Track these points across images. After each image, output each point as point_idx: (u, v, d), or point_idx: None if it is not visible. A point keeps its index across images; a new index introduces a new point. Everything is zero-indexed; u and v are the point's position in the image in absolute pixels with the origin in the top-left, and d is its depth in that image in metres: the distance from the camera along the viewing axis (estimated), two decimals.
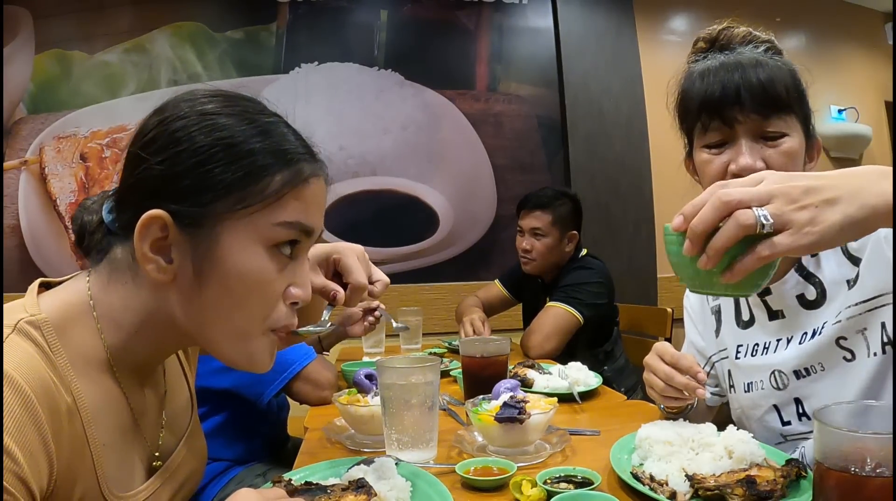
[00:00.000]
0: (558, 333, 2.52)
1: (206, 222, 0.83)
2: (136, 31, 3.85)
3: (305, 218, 0.89)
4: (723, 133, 1.23)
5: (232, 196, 0.83)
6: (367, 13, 4.14)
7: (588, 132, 4.22)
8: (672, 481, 1.05)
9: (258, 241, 0.85)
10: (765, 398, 1.34)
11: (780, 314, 1.33)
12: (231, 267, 0.84)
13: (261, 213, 0.84)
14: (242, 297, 0.85)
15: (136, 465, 0.96)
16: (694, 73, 1.28)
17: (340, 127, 4.01)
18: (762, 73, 1.20)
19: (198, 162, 0.82)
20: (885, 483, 0.74)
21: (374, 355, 2.72)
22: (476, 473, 1.19)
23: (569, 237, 2.85)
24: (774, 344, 1.34)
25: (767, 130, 1.20)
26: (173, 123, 0.84)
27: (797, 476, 1.04)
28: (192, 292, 0.85)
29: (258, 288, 0.86)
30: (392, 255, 4.02)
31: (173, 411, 1.09)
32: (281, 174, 0.86)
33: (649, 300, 4.18)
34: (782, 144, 1.20)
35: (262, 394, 1.83)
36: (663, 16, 4.63)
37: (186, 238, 0.83)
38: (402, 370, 1.33)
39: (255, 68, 3.97)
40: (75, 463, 0.81)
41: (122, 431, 0.92)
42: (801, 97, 1.23)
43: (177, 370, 1.15)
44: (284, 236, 0.87)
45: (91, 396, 0.84)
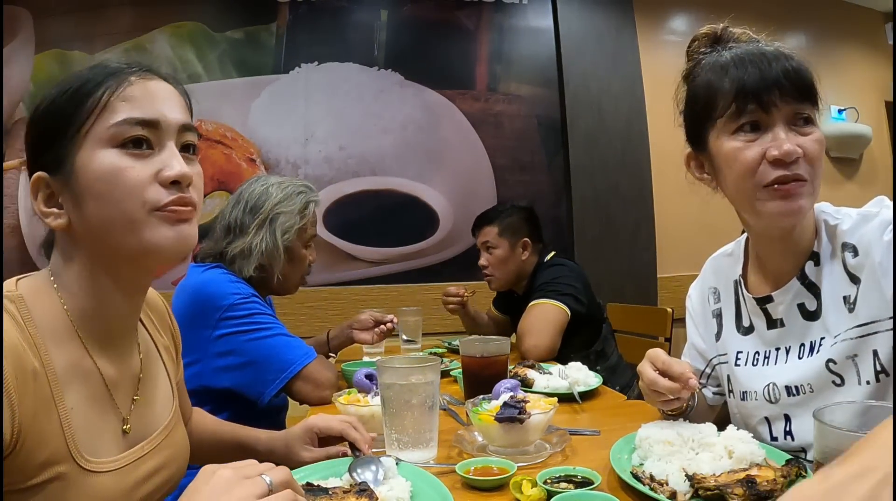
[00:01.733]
0: (548, 327, 2.50)
1: (64, 159, 0.95)
2: (137, 30, 3.85)
3: (139, 112, 0.97)
4: (759, 118, 1.19)
5: (70, 127, 0.95)
6: (367, 13, 4.14)
7: (588, 132, 4.22)
8: (672, 481, 1.05)
9: (102, 145, 0.95)
10: (758, 409, 1.33)
11: (779, 323, 1.31)
12: (90, 177, 0.94)
13: (95, 125, 0.95)
14: (109, 193, 0.94)
15: (108, 434, 1.01)
16: (718, 63, 1.25)
17: (340, 127, 4.01)
18: (793, 62, 1.19)
19: (43, 121, 0.97)
20: None
21: (374, 355, 2.72)
22: (476, 473, 1.19)
23: (521, 245, 2.87)
24: (774, 355, 1.32)
25: (801, 116, 1.19)
26: (38, 106, 0.99)
27: (797, 475, 1.04)
28: (83, 220, 0.96)
29: (117, 180, 0.94)
30: (392, 255, 4.02)
31: (151, 395, 1.14)
32: (102, 88, 0.96)
33: (649, 300, 4.18)
34: (813, 131, 1.19)
35: (262, 393, 1.83)
36: (663, 16, 4.63)
37: (61, 182, 0.96)
38: (402, 369, 1.33)
39: (255, 68, 3.97)
40: (41, 421, 0.87)
41: (93, 398, 0.99)
42: (816, 92, 1.23)
43: (156, 362, 1.20)
44: (126, 133, 0.95)
45: (60, 362, 0.93)
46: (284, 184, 2.09)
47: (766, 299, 1.33)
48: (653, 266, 4.27)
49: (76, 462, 0.91)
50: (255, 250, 1.98)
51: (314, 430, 1.37)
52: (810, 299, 1.26)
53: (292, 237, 2.05)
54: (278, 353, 1.86)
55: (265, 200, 2.03)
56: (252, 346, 1.83)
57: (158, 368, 1.20)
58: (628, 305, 3.57)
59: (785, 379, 1.27)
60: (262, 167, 3.89)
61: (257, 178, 2.14)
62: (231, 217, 2.04)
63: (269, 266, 2.01)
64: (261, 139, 3.92)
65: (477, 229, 2.95)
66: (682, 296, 1.64)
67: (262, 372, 1.83)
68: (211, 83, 3.87)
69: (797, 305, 1.28)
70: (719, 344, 1.48)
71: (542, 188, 4.22)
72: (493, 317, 3.19)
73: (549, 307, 2.56)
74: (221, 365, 1.84)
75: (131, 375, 1.09)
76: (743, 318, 1.41)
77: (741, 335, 1.41)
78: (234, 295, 1.87)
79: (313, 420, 1.38)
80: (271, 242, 2.00)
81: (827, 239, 1.26)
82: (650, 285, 4.25)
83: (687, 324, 1.64)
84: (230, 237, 2.02)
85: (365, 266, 3.97)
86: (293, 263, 2.09)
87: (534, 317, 2.54)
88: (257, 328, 1.86)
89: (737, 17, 1.40)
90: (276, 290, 2.13)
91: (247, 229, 2.01)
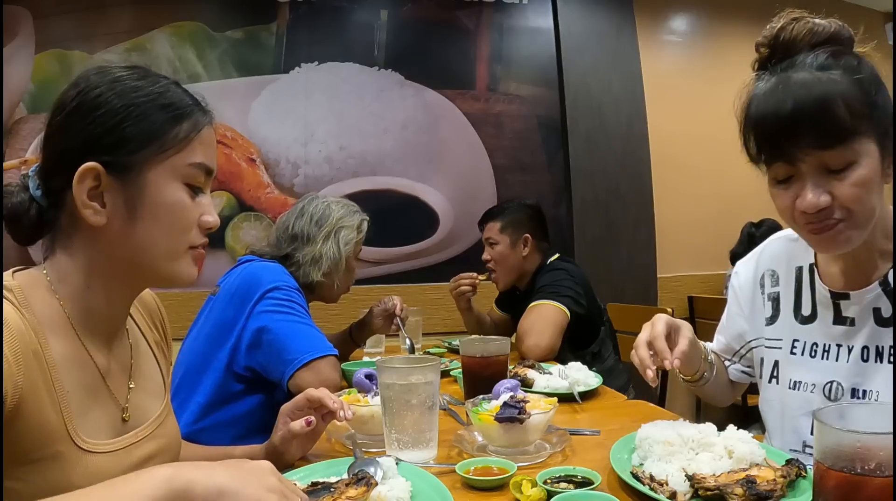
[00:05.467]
0: (548, 327, 2.50)
1: (134, 167, 0.99)
2: (137, 30, 3.85)
3: (208, 160, 1.07)
4: (787, 169, 1.14)
5: (152, 144, 1.00)
6: (368, 13, 4.14)
7: (588, 132, 4.22)
8: (672, 481, 1.05)
9: (177, 178, 1.03)
10: (808, 402, 1.30)
11: (848, 322, 1.27)
12: (156, 200, 1.01)
13: (176, 156, 1.02)
14: (169, 224, 1.03)
15: (104, 420, 1.05)
16: (755, 96, 1.19)
17: (340, 127, 4.01)
18: (821, 102, 1.09)
19: (119, 119, 0.99)
20: (885, 482, 0.74)
21: (374, 355, 2.73)
22: (476, 473, 1.19)
23: (522, 241, 2.88)
24: (835, 351, 1.29)
25: (831, 164, 1.10)
26: (91, 92, 0.99)
27: (797, 476, 1.04)
28: (127, 227, 1.00)
29: (180, 216, 1.04)
30: (392, 255, 4.02)
31: (143, 385, 1.17)
32: (187, 123, 1.04)
33: (649, 300, 4.18)
34: (851, 174, 1.10)
35: (283, 373, 1.84)
36: (663, 16, 4.63)
37: (117, 184, 0.99)
38: (401, 369, 1.34)
39: (256, 68, 3.97)
40: (42, 397, 0.91)
41: (88, 386, 1.03)
42: (871, 109, 1.12)
43: (147, 354, 1.24)
44: (196, 177, 1.06)
45: (56, 349, 0.97)
46: (342, 203, 2.30)
47: (842, 296, 1.29)
48: (653, 266, 4.26)
49: (73, 442, 0.95)
50: (325, 257, 2.18)
51: (299, 404, 1.37)
52: (887, 306, 1.23)
53: (351, 249, 2.24)
54: (302, 338, 1.90)
55: (329, 214, 2.23)
56: (281, 326, 1.89)
57: (149, 359, 1.24)
58: (628, 305, 3.57)
59: (852, 381, 1.25)
60: (262, 167, 3.89)
61: (314, 197, 2.32)
62: (297, 228, 2.21)
63: (332, 273, 2.20)
64: (261, 139, 3.92)
65: (482, 223, 2.99)
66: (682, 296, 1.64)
67: (282, 352, 1.87)
68: (211, 83, 3.87)
69: (873, 308, 1.24)
70: (771, 328, 1.44)
71: (543, 189, 4.22)
72: (494, 318, 3.19)
73: (549, 308, 2.56)
74: (253, 341, 1.90)
75: (123, 365, 1.14)
76: (803, 306, 1.38)
77: (799, 323, 1.38)
78: (282, 282, 1.98)
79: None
80: (336, 251, 2.20)
81: None
82: (650, 285, 4.24)
83: (728, 300, 1.61)
84: (295, 244, 2.19)
85: (365, 266, 3.96)
86: (348, 271, 2.29)
87: (534, 317, 2.54)
88: (291, 312, 1.93)
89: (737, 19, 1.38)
90: (327, 297, 2.30)
91: (315, 238, 2.20)
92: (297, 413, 1.35)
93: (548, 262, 2.87)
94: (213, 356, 1.92)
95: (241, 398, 1.93)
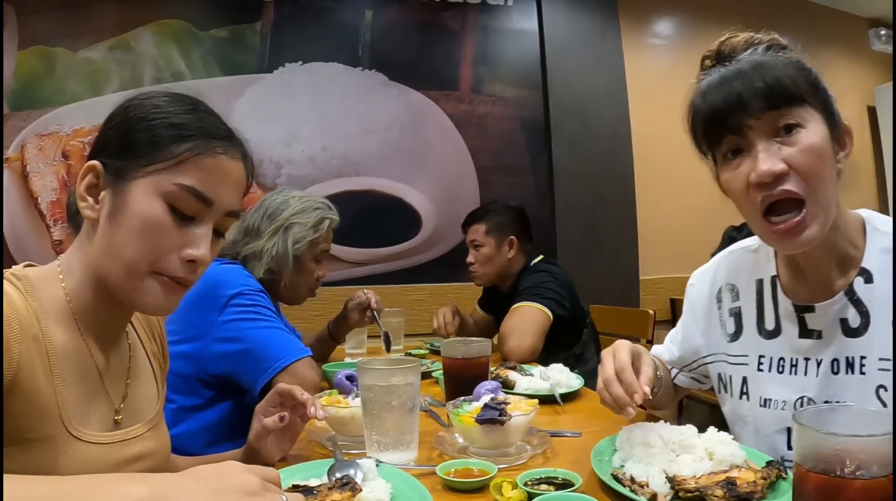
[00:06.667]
0: (530, 329, 2.51)
1: (124, 173, 1.01)
2: (121, 28, 3.81)
3: (203, 186, 1.02)
4: (736, 142, 1.15)
5: (145, 156, 1.01)
6: (352, 13, 4.13)
7: (572, 134, 4.24)
8: (653, 483, 1.05)
9: (158, 194, 1.00)
10: (781, 420, 1.27)
11: (815, 335, 1.24)
12: (131, 210, 1.00)
13: (164, 172, 1.01)
14: (135, 235, 0.99)
15: (97, 415, 1.06)
16: (698, 92, 1.21)
17: (324, 127, 4.00)
18: (763, 71, 1.12)
19: (129, 129, 1.02)
20: (865, 485, 0.74)
21: (355, 356, 2.72)
22: (457, 474, 1.18)
23: (507, 243, 2.89)
24: (803, 365, 1.25)
25: (779, 124, 1.11)
26: (129, 107, 1.05)
27: (777, 477, 1.04)
28: (105, 229, 1.01)
29: (149, 232, 1.00)
30: (375, 256, 4.01)
31: (138, 390, 1.18)
32: (189, 144, 1.02)
33: (632, 302, 4.20)
34: (800, 138, 1.10)
35: (256, 382, 1.82)
36: (648, 19, 4.65)
37: (110, 185, 1.02)
38: (382, 371, 1.33)
39: (240, 67, 3.95)
40: (38, 377, 0.92)
41: (85, 379, 1.04)
42: (814, 86, 1.14)
43: (144, 361, 1.24)
44: (181, 197, 1.01)
45: (57, 338, 0.98)
46: (305, 198, 2.21)
47: (806, 308, 1.25)
48: (635, 268, 4.29)
49: (65, 427, 0.96)
50: (266, 253, 2.08)
51: (272, 400, 1.36)
52: (855, 317, 1.19)
53: (303, 248, 2.14)
54: (274, 344, 1.87)
55: (284, 209, 2.15)
56: (252, 334, 1.86)
57: (146, 367, 1.24)
58: (611, 306, 3.58)
59: (824, 395, 1.21)
60: None
61: (282, 190, 2.25)
62: (250, 220, 2.15)
63: (278, 271, 2.11)
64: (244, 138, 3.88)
65: (466, 226, 2.98)
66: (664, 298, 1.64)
67: (257, 361, 1.83)
68: (195, 82, 3.84)
69: (840, 319, 1.21)
70: (736, 345, 1.40)
71: (526, 190, 4.22)
72: (477, 319, 3.19)
73: (532, 310, 2.56)
74: (221, 351, 1.85)
75: (120, 368, 1.15)
76: (766, 320, 1.34)
77: (763, 339, 1.34)
78: (244, 285, 1.92)
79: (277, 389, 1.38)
80: (282, 248, 2.10)
81: (880, 256, 1.20)
82: (633, 287, 4.26)
83: (684, 315, 1.56)
84: (246, 239, 2.12)
85: (347, 267, 3.95)
86: (301, 274, 2.18)
87: (517, 319, 2.55)
88: (259, 318, 1.89)
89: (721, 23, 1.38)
90: (283, 298, 2.23)
91: (262, 233, 2.11)
92: (271, 411, 1.34)
93: (531, 263, 2.88)
94: (177, 363, 1.88)
95: (212, 404, 1.90)
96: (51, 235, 3.65)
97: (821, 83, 1.17)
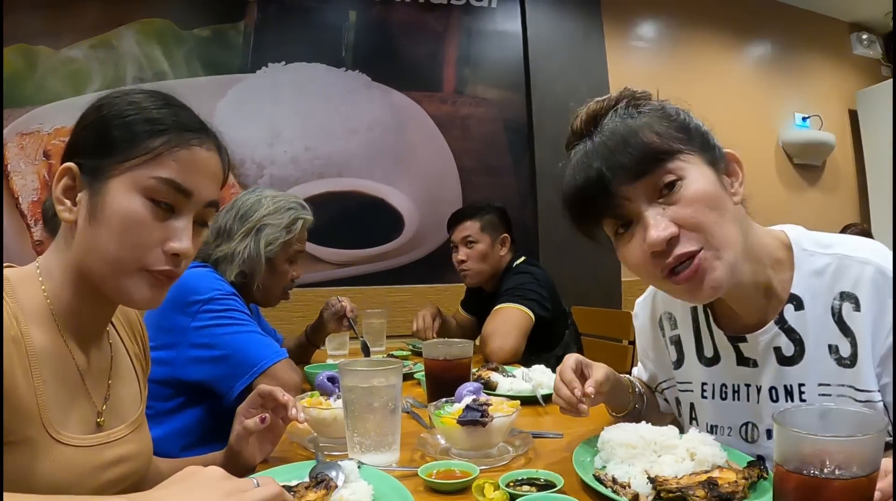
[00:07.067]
0: (512, 330, 2.51)
1: (101, 172, 1.00)
2: (103, 26, 3.77)
3: (181, 178, 1.03)
4: (620, 217, 1.13)
5: (121, 153, 1.00)
6: (336, 14, 4.12)
7: (554, 136, 4.23)
8: (634, 483, 1.05)
9: (136, 190, 1.00)
10: (728, 444, 1.24)
11: (751, 363, 1.24)
12: (112, 208, 0.99)
13: (141, 167, 1.00)
14: (117, 233, 0.99)
15: (78, 417, 1.05)
16: (565, 182, 1.22)
17: (307, 127, 3.99)
18: (624, 142, 1.09)
19: (105, 128, 1.02)
20: (845, 485, 0.75)
21: (337, 357, 2.71)
22: (439, 476, 1.18)
23: (501, 241, 2.90)
24: (744, 391, 1.26)
25: (659, 185, 1.08)
26: (101, 106, 1.05)
27: (758, 477, 1.04)
28: (85, 230, 1.01)
29: (131, 228, 1.00)
30: (357, 256, 4.00)
31: (120, 392, 1.17)
32: (164, 138, 1.02)
33: (613, 304, 4.22)
34: (683, 193, 1.07)
35: (232, 388, 1.81)
36: (631, 22, 4.68)
37: (87, 186, 1.01)
38: (364, 372, 1.32)
39: (223, 67, 3.93)
40: (18, 380, 0.91)
41: (66, 380, 1.03)
42: (684, 130, 1.11)
43: (126, 363, 1.24)
44: (160, 190, 1.01)
45: (38, 340, 0.98)
46: (278, 198, 2.14)
47: (738, 339, 1.25)
48: (617, 270, 4.31)
49: (45, 430, 0.96)
50: (238, 256, 2.03)
51: (257, 396, 1.36)
52: (788, 345, 1.18)
53: (276, 250, 2.09)
54: (251, 349, 1.85)
55: (256, 210, 2.09)
56: (227, 340, 1.83)
57: (128, 369, 1.24)
58: (593, 308, 3.59)
59: (766, 422, 1.21)
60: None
61: (255, 189, 2.19)
62: (222, 222, 2.09)
63: (250, 274, 2.06)
64: (226, 139, 3.81)
65: (456, 223, 2.95)
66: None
67: (233, 367, 1.82)
68: (177, 81, 3.81)
69: (773, 348, 1.19)
70: (680, 372, 1.41)
71: (508, 192, 4.23)
72: (459, 320, 3.19)
73: (514, 311, 2.57)
74: (196, 357, 1.83)
75: (102, 369, 1.14)
76: (705, 348, 1.33)
77: (704, 366, 1.33)
78: (215, 290, 1.88)
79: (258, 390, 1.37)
80: (254, 251, 2.05)
81: (810, 279, 1.16)
82: (614, 289, 4.29)
83: (637, 342, 1.58)
84: (218, 241, 2.07)
85: (330, 268, 3.94)
86: (274, 275, 2.14)
87: (499, 320, 2.55)
88: (233, 323, 1.86)
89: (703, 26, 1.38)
90: (257, 300, 2.18)
91: (233, 235, 2.06)
92: (252, 412, 1.34)
93: (514, 264, 2.88)
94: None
95: (182, 410, 1.88)
96: (31, 235, 3.61)
97: (692, 123, 1.14)
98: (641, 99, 1.17)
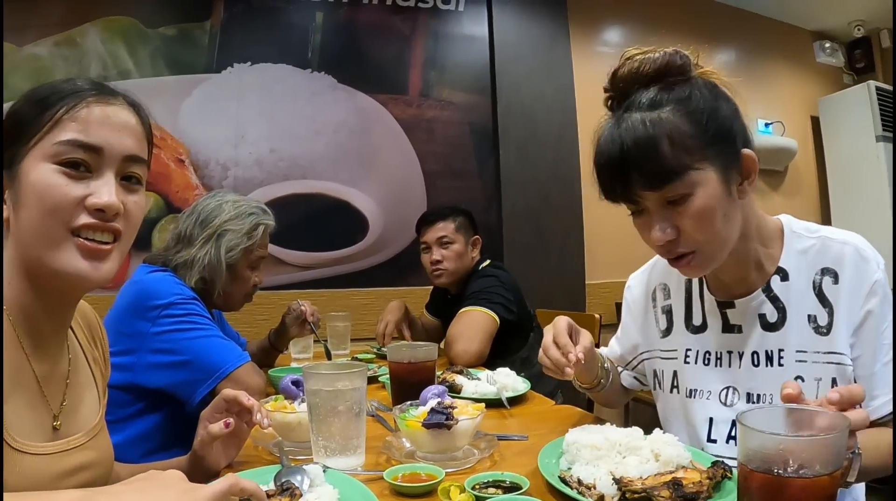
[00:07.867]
0: (477, 333, 2.52)
1: (14, 160, 1.00)
2: (68, 23, 3.68)
3: (84, 135, 1.00)
4: (632, 206, 1.25)
5: (25, 134, 1.00)
6: (303, 15, 4.09)
7: (520, 140, 4.26)
8: (600, 484, 1.06)
9: (44, 159, 0.99)
10: (705, 408, 1.37)
11: (736, 329, 1.36)
12: (27, 185, 0.98)
13: (45, 138, 0.99)
14: (37, 205, 0.98)
15: (37, 425, 1.03)
16: (597, 145, 1.27)
17: (272, 129, 3.94)
18: (645, 150, 1.15)
19: (9, 119, 1.02)
20: (807, 483, 0.76)
21: (302, 360, 2.70)
22: (404, 479, 1.18)
23: (472, 243, 2.95)
24: (726, 357, 1.36)
25: (667, 198, 1.18)
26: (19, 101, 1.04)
27: (722, 477, 1.06)
28: (17, 224, 1.00)
29: (47, 194, 0.98)
30: (321, 259, 3.97)
31: (78, 398, 1.16)
32: (59, 104, 1.01)
33: (578, 306, 4.24)
34: (689, 206, 1.16)
35: (193, 394, 1.79)
36: (597, 27, 4.72)
37: (10, 180, 1.01)
38: (328, 375, 1.31)
39: (188, 66, 3.87)
40: None
41: (23, 388, 1.01)
42: (703, 131, 1.16)
43: (84, 368, 1.22)
44: (66, 153, 0.99)
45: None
46: (239, 203, 2.11)
47: (727, 304, 1.37)
48: (581, 273, 4.33)
49: (3, 439, 0.93)
50: (198, 262, 2.00)
51: (222, 402, 1.35)
52: (772, 312, 1.31)
53: (237, 256, 2.07)
54: (213, 353, 1.83)
55: (216, 215, 2.06)
56: (188, 344, 1.81)
57: (86, 374, 1.22)
58: (558, 310, 3.60)
59: (746, 386, 1.32)
60: (191, 169, 3.79)
61: (216, 193, 2.16)
62: (182, 227, 2.06)
63: (211, 280, 2.03)
64: (191, 140, 3.81)
65: (429, 224, 2.95)
66: (609, 302, 1.67)
67: (195, 372, 1.80)
68: (141, 80, 3.75)
69: (758, 314, 1.32)
70: (666, 340, 1.51)
71: (473, 195, 4.23)
72: (424, 323, 3.19)
73: (479, 315, 2.57)
74: (156, 362, 1.80)
75: (60, 376, 1.12)
76: (694, 316, 1.45)
77: (691, 333, 1.45)
78: (175, 295, 1.86)
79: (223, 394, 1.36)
80: (215, 257, 2.02)
81: (797, 256, 1.31)
82: (579, 292, 4.30)
83: (623, 314, 1.67)
84: (178, 247, 2.04)
85: (294, 270, 3.91)
86: (236, 281, 2.11)
87: (464, 323, 2.55)
88: (194, 328, 1.84)
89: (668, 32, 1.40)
90: (218, 305, 2.15)
91: (194, 240, 2.03)
92: (216, 417, 1.33)
93: (479, 267, 2.89)
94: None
95: (142, 415, 1.85)
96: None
97: (717, 117, 1.18)
98: (678, 74, 1.21)
